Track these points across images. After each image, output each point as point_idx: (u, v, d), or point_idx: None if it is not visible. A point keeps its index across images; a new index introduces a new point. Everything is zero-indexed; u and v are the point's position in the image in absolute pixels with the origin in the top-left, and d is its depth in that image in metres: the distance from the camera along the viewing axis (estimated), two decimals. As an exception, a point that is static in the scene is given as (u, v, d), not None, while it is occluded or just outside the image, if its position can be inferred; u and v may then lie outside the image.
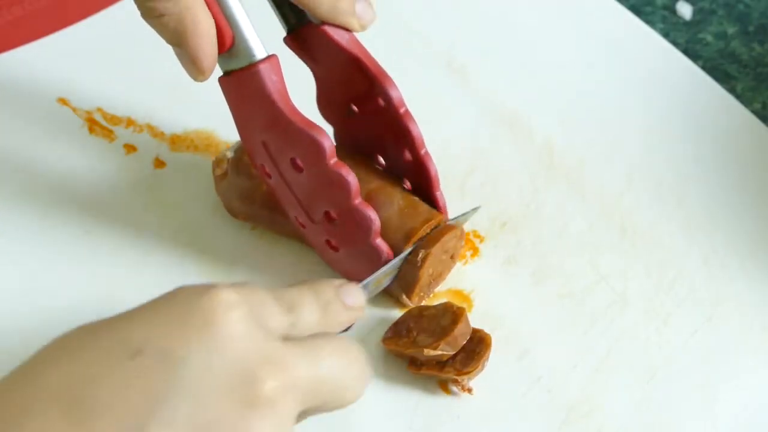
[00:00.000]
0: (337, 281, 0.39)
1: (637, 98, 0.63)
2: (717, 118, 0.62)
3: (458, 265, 0.54)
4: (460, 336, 0.48)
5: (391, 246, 0.49)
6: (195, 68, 0.44)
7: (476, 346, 0.48)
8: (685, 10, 0.69)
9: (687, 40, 0.68)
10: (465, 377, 0.47)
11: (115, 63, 0.60)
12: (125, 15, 0.53)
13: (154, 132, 0.58)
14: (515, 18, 0.67)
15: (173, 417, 0.31)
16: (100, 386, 0.31)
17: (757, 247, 0.56)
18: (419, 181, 0.52)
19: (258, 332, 0.33)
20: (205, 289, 0.33)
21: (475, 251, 0.55)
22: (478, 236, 0.55)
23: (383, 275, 0.48)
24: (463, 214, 0.53)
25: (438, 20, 0.66)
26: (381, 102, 0.51)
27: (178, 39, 0.43)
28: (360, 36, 0.50)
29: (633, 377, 0.50)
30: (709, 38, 0.68)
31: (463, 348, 0.48)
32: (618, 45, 0.66)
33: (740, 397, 0.50)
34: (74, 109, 0.59)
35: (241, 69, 0.45)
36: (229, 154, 0.53)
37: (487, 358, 0.48)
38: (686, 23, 0.69)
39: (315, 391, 0.34)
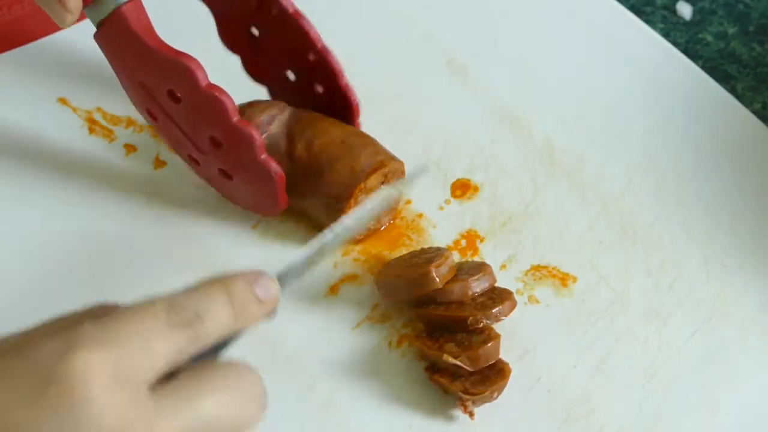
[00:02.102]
0: (250, 274, 0.36)
1: (637, 98, 0.63)
2: (717, 118, 0.62)
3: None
4: (483, 356, 0.47)
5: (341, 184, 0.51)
6: (62, 8, 0.45)
7: (494, 374, 0.47)
8: (685, 10, 0.69)
9: (687, 40, 0.68)
10: (470, 399, 0.47)
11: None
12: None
13: (154, 132, 0.58)
14: (515, 17, 0.67)
15: None
16: None
17: (757, 247, 0.56)
18: (327, 80, 0.54)
19: (123, 395, 0.30)
20: (62, 351, 0.30)
21: (475, 251, 0.55)
22: (478, 236, 0.55)
23: (301, 264, 0.41)
24: (411, 175, 0.52)
25: (438, 19, 0.66)
26: (274, 11, 0.52)
27: None
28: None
29: (633, 377, 0.50)
30: (709, 38, 0.68)
31: (482, 371, 0.47)
32: (618, 45, 0.66)
33: (740, 397, 0.50)
34: (74, 109, 0.59)
35: (109, 16, 0.47)
36: None
37: (500, 391, 0.47)
38: (686, 23, 0.69)
39: None
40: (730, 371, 0.51)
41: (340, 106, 0.54)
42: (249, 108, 0.53)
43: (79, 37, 0.62)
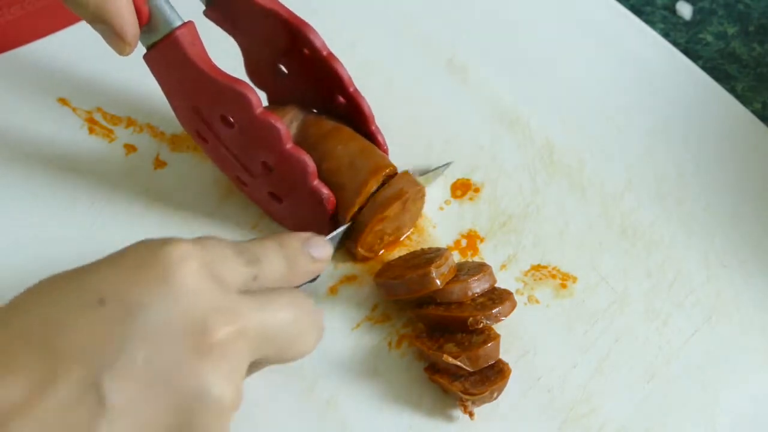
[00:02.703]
0: (305, 234, 0.41)
1: (637, 98, 0.63)
2: (717, 118, 0.62)
3: (458, 265, 0.54)
4: (483, 356, 0.47)
5: (345, 191, 0.51)
6: (121, 41, 0.45)
7: (493, 374, 0.47)
8: (685, 10, 0.69)
9: (687, 40, 0.68)
10: (470, 399, 0.47)
11: (115, 63, 0.60)
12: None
13: (154, 132, 0.58)
14: (516, 17, 0.67)
15: (132, 361, 0.33)
16: (69, 331, 0.33)
17: (756, 247, 0.56)
18: (355, 122, 0.54)
19: (212, 284, 0.35)
20: (164, 243, 0.36)
21: (475, 251, 0.55)
22: (478, 236, 0.55)
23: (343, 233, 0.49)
24: (434, 170, 0.54)
25: (438, 19, 0.66)
26: (306, 51, 0.52)
27: (100, 15, 0.44)
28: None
29: (633, 377, 0.50)
30: (709, 38, 0.68)
31: (482, 371, 0.47)
32: (618, 45, 0.66)
33: (740, 397, 0.50)
34: (74, 109, 0.59)
35: (161, 40, 0.47)
36: None
37: (500, 391, 0.47)
38: (686, 23, 0.69)
39: (266, 341, 0.36)
40: (730, 371, 0.51)
41: None
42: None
43: (79, 37, 0.62)
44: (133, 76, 0.60)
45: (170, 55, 0.47)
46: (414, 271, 0.49)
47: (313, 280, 0.42)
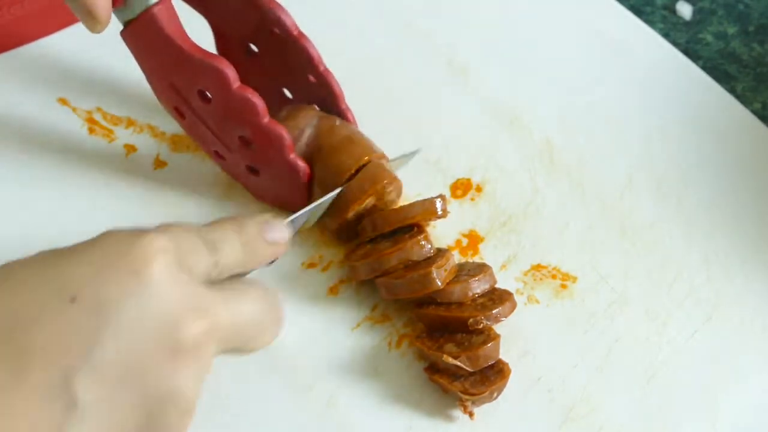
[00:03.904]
0: (264, 216, 0.41)
1: (637, 98, 0.63)
2: (717, 118, 0.62)
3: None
4: (483, 357, 0.47)
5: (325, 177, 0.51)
6: (92, 18, 0.45)
7: (493, 375, 0.47)
8: (685, 10, 0.69)
9: (687, 40, 0.68)
10: (470, 399, 0.47)
11: (115, 63, 0.60)
12: (125, 15, 0.53)
13: (154, 132, 0.58)
14: (516, 17, 0.67)
15: (104, 361, 0.32)
16: (38, 328, 0.32)
17: (757, 247, 0.56)
18: (326, 101, 0.54)
19: (183, 278, 0.35)
20: (135, 236, 0.35)
21: (475, 251, 0.55)
22: (479, 236, 0.55)
23: (311, 212, 0.49)
24: (402, 156, 0.54)
25: (439, 19, 0.66)
26: (276, 30, 0.52)
27: None
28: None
29: (633, 377, 0.50)
30: (709, 38, 0.68)
31: (482, 371, 0.47)
32: (618, 45, 0.66)
33: (740, 397, 0.50)
34: (74, 109, 0.59)
35: (138, 17, 0.47)
36: None
37: (500, 391, 0.47)
38: (686, 23, 0.69)
39: (233, 335, 0.36)
40: (730, 371, 0.51)
41: None
42: (288, 117, 0.53)
43: (79, 37, 0.62)
44: (133, 76, 0.60)
45: (147, 32, 0.48)
46: (415, 271, 0.49)
47: (271, 262, 0.42)
